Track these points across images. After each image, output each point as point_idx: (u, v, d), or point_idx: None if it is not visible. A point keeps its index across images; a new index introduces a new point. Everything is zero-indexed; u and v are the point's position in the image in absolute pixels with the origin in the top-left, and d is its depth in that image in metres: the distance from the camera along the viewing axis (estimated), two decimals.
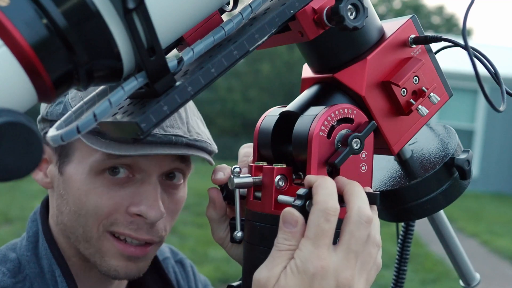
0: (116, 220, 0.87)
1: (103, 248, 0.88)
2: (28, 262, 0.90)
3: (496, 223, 8.53)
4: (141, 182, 0.88)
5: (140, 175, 0.88)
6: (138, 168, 0.87)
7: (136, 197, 0.87)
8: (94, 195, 0.87)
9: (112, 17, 0.50)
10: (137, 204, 0.87)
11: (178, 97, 0.55)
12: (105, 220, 0.87)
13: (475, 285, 0.90)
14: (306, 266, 0.58)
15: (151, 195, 0.87)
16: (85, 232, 0.88)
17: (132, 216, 0.88)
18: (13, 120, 0.43)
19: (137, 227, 0.88)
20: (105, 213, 0.87)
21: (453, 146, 0.75)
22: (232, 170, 0.67)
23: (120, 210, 0.87)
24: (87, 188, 0.87)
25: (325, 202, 0.59)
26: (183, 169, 0.93)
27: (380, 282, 4.87)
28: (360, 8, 0.61)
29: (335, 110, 0.64)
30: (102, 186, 0.87)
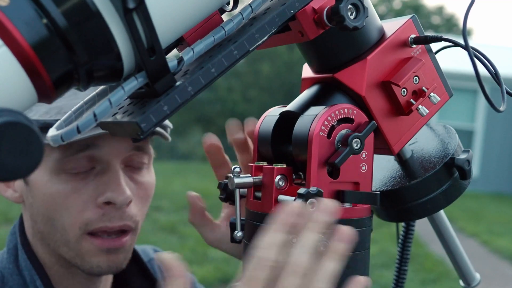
0: (90, 219, 0.88)
1: (82, 250, 0.89)
2: (10, 275, 0.91)
3: (496, 223, 8.52)
4: (102, 172, 0.89)
5: (100, 165, 0.89)
6: (96, 159, 0.88)
7: (100, 187, 0.88)
8: (60, 197, 0.87)
9: (112, 17, 0.51)
10: (103, 193, 0.88)
11: (178, 97, 0.55)
12: (79, 222, 0.88)
13: (475, 285, 0.90)
14: None
15: (113, 181, 0.88)
16: (63, 236, 0.89)
17: (102, 207, 0.88)
18: (13, 120, 0.43)
19: (109, 217, 0.88)
20: (77, 212, 0.88)
21: (453, 146, 0.75)
22: (232, 170, 0.67)
23: (89, 206, 0.88)
24: (52, 191, 0.87)
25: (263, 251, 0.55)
26: (143, 152, 0.93)
27: (380, 282, 4.87)
28: (360, 8, 0.61)
29: (335, 110, 0.64)
30: (66, 186, 0.87)
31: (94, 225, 0.88)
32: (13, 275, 0.91)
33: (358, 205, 0.65)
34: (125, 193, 0.88)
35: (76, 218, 0.88)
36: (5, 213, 6.56)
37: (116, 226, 0.89)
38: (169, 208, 7.85)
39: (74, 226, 0.88)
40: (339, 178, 0.64)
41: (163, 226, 6.76)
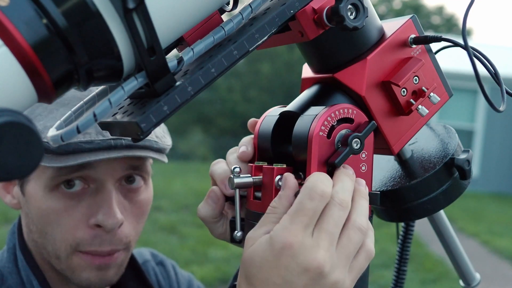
0: (81, 239, 0.88)
1: (72, 265, 0.89)
2: (10, 274, 0.91)
3: (496, 223, 8.53)
4: (96, 192, 0.88)
5: (94, 185, 0.88)
6: (91, 178, 0.88)
7: (93, 207, 0.88)
8: (54, 214, 0.87)
9: (112, 17, 0.50)
10: (94, 214, 0.87)
11: (178, 97, 0.55)
12: (71, 240, 0.88)
13: (475, 285, 0.90)
14: (275, 239, 0.57)
15: (106, 203, 0.87)
16: (54, 250, 0.89)
17: (93, 228, 0.88)
18: (13, 120, 0.43)
19: (100, 240, 0.88)
20: (69, 230, 0.88)
21: (453, 146, 0.75)
22: (232, 170, 0.67)
23: (81, 226, 0.88)
24: (46, 207, 0.87)
25: (313, 182, 0.59)
26: (139, 171, 0.92)
27: (380, 282, 4.87)
28: (360, 8, 0.61)
29: (335, 110, 0.64)
30: (59, 203, 0.87)
31: (84, 246, 0.88)
32: (12, 274, 0.92)
33: None
34: (115, 217, 0.87)
35: (67, 236, 0.88)
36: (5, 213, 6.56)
37: (105, 251, 0.89)
38: (169, 208, 7.85)
39: (66, 243, 0.88)
40: None
41: (163, 226, 6.76)
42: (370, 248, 0.61)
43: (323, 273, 0.56)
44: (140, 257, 1.11)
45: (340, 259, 0.58)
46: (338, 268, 0.58)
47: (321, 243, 0.57)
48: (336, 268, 0.57)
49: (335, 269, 0.57)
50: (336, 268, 0.57)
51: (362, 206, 0.61)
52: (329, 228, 0.58)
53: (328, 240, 0.57)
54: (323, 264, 0.56)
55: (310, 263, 0.56)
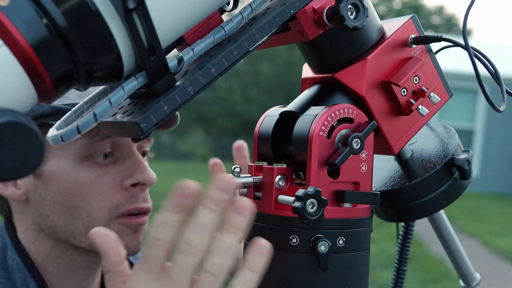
0: (119, 201, 0.90)
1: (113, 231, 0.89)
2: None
3: (496, 223, 8.52)
4: (124, 158, 0.91)
5: (119, 152, 0.91)
6: (117, 145, 0.90)
7: (124, 171, 0.90)
8: (86, 185, 0.88)
9: (112, 17, 0.50)
10: (131, 176, 0.90)
11: (178, 97, 0.55)
12: (108, 206, 0.89)
13: (475, 285, 0.90)
14: None
15: (140, 163, 0.91)
16: (86, 224, 0.89)
17: (128, 189, 0.90)
18: (13, 120, 0.43)
19: (137, 198, 0.91)
20: (105, 196, 0.89)
21: (453, 146, 0.75)
22: (232, 170, 0.67)
23: (116, 189, 0.90)
24: (77, 178, 0.88)
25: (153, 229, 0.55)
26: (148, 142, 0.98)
27: (380, 282, 4.87)
28: (360, 8, 0.61)
29: (335, 110, 0.64)
30: (91, 173, 0.89)
31: (123, 207, 0.90)
32: (1, 278, 0.90)
33: (358, 205, 0.65)
34: (153, 173, 0.92)
35: (104, 203, 0.89)
36: None
37: (144, 207, 0.92)
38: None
39: (103, 211, 0.89)
40: (339, 178, 0.64)
41: None
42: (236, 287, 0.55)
43: None
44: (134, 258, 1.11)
45: None
46: None
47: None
48: None
49: None
50: None
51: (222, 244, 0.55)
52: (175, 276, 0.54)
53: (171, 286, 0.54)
54: None
55: None
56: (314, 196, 0.60)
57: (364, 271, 0.66)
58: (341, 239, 0.63)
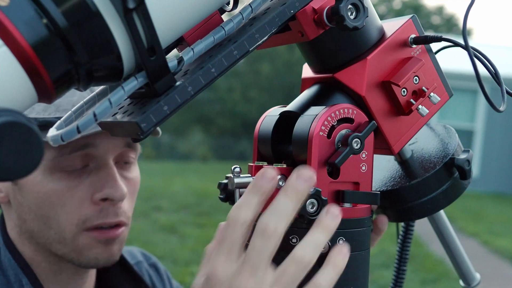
0: (87, 215, 0.89)
1: (79, 245, 0.90)
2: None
3: (496, 223, 8.52)
4: (97, 169, 0.90)
5: (94, 163, 0.90)
6: (91, 156, 0.89)
7: (96, 183, 0.89)
8: (56, 195, 0.88)
9: (112, 17, 0.50)
10: (100, 189, 0.89)
11: (178, 97, 0.55)
12: (76, 219, 0.89)
13: (475, 285, 0.90)
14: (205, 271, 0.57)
15: (111, 177, 0.90)
16: (58, 234, 0.89)
17: (98, 203, 0.89)
18: (13, 120, 0.43)
19: (106, 213, 0.90)
20: (74, 209, 0.88)
21: (453, 146, 0.75)
22: (232, 170, 0.67)
23: (86, 202, 0.89)
24: (46, 189, 0.88)
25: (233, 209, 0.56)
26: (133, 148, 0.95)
27: (380, 282, 4.87)
28: (360, 8, 0.61)
29: (335, 110, 0.64)
30: (61, 184, 0.88)
31: (91, 222, 0.89)
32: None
33: (358, 205, 0.65)
34: (122, 189, 0.90)
35: (72, 215, 0.89)
36: None
37: (113, 222, 0.91)
38: (169, 208, 7.85)
39: (71, 223, 0.89)
40: (339, 178, 0.64)
41: (163, 226, 6.76)
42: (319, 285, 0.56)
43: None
44: (131, 257, 1.11)
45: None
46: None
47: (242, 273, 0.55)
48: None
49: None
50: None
51: (311, 237, 0.57)
52: (250, 258, 0.55)
53: (249, 269, 0.55)
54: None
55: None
56: (314, 196, 0.60)
57: (364, 271, 0.66)
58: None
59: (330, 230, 0.57)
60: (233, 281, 0.55)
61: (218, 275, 0.55)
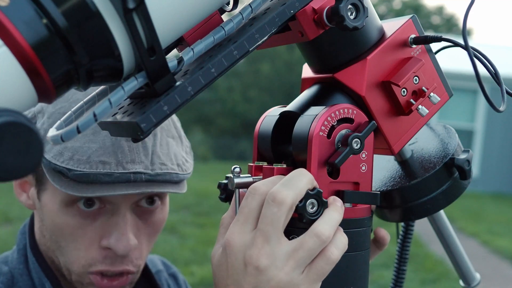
0: (93, 259, 0.87)
1: (83, 282, 0.89)
2: (20, 275, 0.91)
3: (496, 223, 8.52)
4: (112, 213, 0.87)
5: (111, 205, 0.87)
6: (107, 200, 0.86)
7: (106, 228, 0.87)
8: (68, 229, 0.86)
9: (112, 17, 0.50)
10: (107, 237, 0.86)
11: (178, 97, 0.55)
12: (83, 260, 0.87)
13: (475, 285, 0.90)
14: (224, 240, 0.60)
15: (119, 228, 0.86)
16: (66, 263, 0.89)
17: (105, 249, 0.87)
18: (13, 120, 0.43)
19: (111, 260, 0.87)
20: (83, 248, 0.87)
21: (453, 146, 0.75)
22: (232, 170, 0.67)
23: (94, 246, 0.87)
24: (61, 221, 0.86)
25: (256, 183, 0.61)
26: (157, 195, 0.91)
27: (380, 282, 4.86)
28: (360, 8, 0.61)
29: (335, 110, 0.64)
30: (74, 220, 0.86)
31: (96, 266, 0.87)
32: (23, 275, 0.91)
33: (358, 205, 0.65)
34: (128, 243, 0.86)
35: (80, 255, 0.87)
36: (5, 213, 6.56)
37: (117, 270, 0.88)
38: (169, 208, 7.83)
39: (78, 263, 0.87)
40: (339, 178, 0.64)
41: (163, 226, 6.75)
42: (331, 254, 0.59)
43: (259, 268, 0.57)
44: (152, 265, 1.10)
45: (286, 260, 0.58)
46: (280, 267, 0.58)
47: (256, 241, 0.58)
48: (275, 266, 0.58)
49: (273, 267, 0.57)
50: (275, 266, 0.58)
51: (329, 217, 0.60)
52: (262, 227, 0.58)
53: (262, 237, 0.58)
54: (257, 260, 0.57)
55: (246, 259, 0.58)
56: (315, 196, 0.60)
57: (364, 271, 0.66)
58: None
59: (341, 212, 0.61)
60: (247, 250, 0.58)
61: (234, 244, 0.59)
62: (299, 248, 0.58)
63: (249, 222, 0.59)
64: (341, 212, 0.61)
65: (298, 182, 0.59)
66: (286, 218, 0.58)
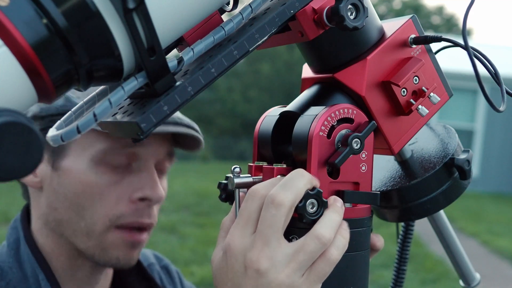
0: (122, 212, 0.91)
1: (106, 241, 0.91)
2: (10, 268, 0.91)
3: (496, 223, 8.52)
4: (139, 170, 0.92)
5: (137, 163, 0.92)
6: (136, 156, 0.91)
7: (137, 183, 0.91)
8: (97, 188, 0.89)
9: (112, 17, 0.51)
10: (141, 189, 0.91)
11: (178, 97, 0.55)
12: (111, 214, 0.90)
13: (475, 285, 0.90)
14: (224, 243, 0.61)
15: (152, 179, 0.92)
16: (88, 226, 0.90)
17: (135, 202, 0.91)
18: (13, 120, 0.43)
19: (141, 213, 0.92)
20: (111, 204, 0.90)
21: (453, 146, 0.75)
22: (232, 170, 0.67)
23: (124, 200, 0.91)
24: (89, 180, 0.89)
25: (255, 186, 0.61)
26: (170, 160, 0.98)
27: (380, 282, 4.87)
28: (360, 8, 0.61)
29: (335, 110, 0.64)
30: (104, 178, 0.90)
31: (125, 219, 0.91)
32: (13, 268, 0.91)
33: (358, 205, 0.65)
34: (161, 192, 0.92)
35: (108, 211, 0.90)
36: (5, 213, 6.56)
37: (145, 223, 0.93)
38: (169, 208, 7.84)
39: (105, 218, 0.90)
40: (339, 178, 0.64)
41: (163, 226, 6.76)
42: (331, 256, 0.59)
43: (259, 271, 0.57)
44: (144, 258, 1.11)
45: (286, 262, 0.58)
46: (280, 269, 0.58)
47: (255, 243, 0.58)
48: (275, 269, 0.57)
49: (273, 270, 0.57)
50: (275, 269, 0.57)
51: (329, 218, 0.60)
52: (261, 229, 0.58)
53: (262, 240, 0.58)
54: (257, 262, 0.57)
55: (246, 262, 0.58)
56: (315, 196, 0.60)
57: (364, 271, 0.66)
58: None
59: (341, 212, 0.61)
60: (247, 253, 0.58)
61: (234, 247, 0.59)
62: (300, 250, 0.58)
63: (249, 225, 0.59)
64: (341, 213, 0.61)
65: (297, 183, 0.59)
66: (285, 220, 0.58)
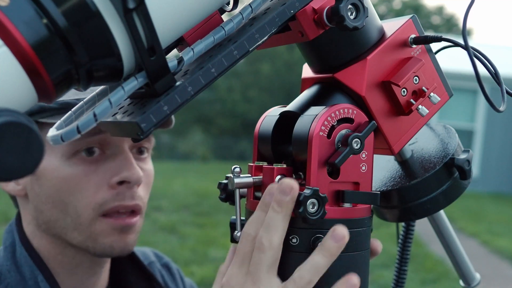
0: (104, 199, 0.90)
1: (95, 231, 0.91)
2: (8, 271, 0.92)
3: (496, 223, 8.52)
4: (114, 155, 0.92)
5: (110, 150, 0.92)
6: (108, 144, 0.91)
7: (113, 168, 0.91)
8: (73, 180, 0.90)
9: (112, 17, 0.51)
10: (118, 173, 0.91)
11: (178, 97, 0.55)
12: (93, 203, 0.90)
13: (475, 285, 0.90)
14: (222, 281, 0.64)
15: (127, 161, 0.92)
16: (74, 220, 0.90)
17: (115, 187, 0.91)
18: (13, 120, 0.43)
19: (123, 196, 0.91)
20: (91, 193, 0.90)
21: (453, 146, 0.75)
22: (232, 170, 0.67)
23: (103, 187, 0.90)
24: (64, 174, 0.89)
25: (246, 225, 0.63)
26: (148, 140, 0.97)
27: (380, 282, 4.87)
28: (360, 8, 0.61)
29: (335, 110, 0.64)
30: (79, 169, 0.90)
31: (108, 204, 0.91)
32: (11, 271, 0.91)
33: (358, 205, 0.65)
34: (139, 172, 0.92)
35: (90, 200, 0.90)
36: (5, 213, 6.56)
37: (129, 205, 0.92)
38: (169, 208, 7.85)
39: (88, 208, 0.90)
40: (339, 178, 0.64)
41: (163, 226, 6.76)
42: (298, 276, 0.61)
43: None
44: (144, 257, 1.11)
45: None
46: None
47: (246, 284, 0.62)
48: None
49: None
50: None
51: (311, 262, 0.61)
52: (251, 269, 0.61)
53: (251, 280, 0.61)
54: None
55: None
56: (313, 196, 0.60)
57: (364, 271, 0.66)
58: None
59: (332, 253, 0.61)
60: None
61: (230, 284, 0.62)
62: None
63: (244, 265, 0.62)
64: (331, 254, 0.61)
65: (277, 222, 0.61)
66: (275, 259, 0.61)
